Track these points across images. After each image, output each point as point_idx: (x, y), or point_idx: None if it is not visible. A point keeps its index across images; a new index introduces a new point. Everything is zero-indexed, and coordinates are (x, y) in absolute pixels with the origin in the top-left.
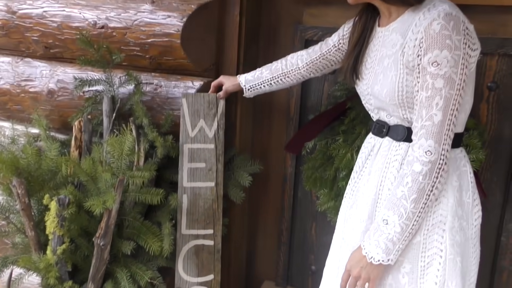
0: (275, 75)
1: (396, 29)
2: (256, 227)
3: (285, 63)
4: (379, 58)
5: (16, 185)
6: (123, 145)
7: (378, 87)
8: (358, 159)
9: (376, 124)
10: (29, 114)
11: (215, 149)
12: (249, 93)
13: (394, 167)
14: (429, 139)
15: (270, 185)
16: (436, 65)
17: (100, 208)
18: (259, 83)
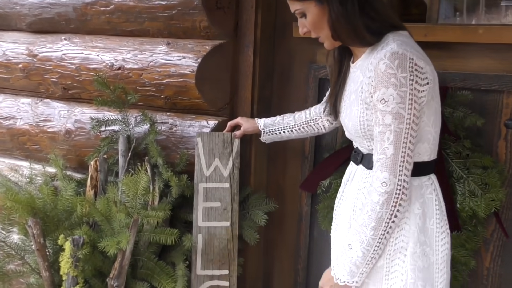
0: (298, 123)
1: (360, 66)
2: (272, 267)
3: (309, 113)
4: (349, 92)
5: (31, 225)
6: (138, 185)
7: (347, 121)
8: (342, 182)
9: (354, 152)
10: (47, 153)
11: (230, 188)
12: (266, 137)
13: (363, 194)
14: (384, 171)
15: (285, 224)
16: (383, 102)
17: (114, 249)
18: (279, 128)
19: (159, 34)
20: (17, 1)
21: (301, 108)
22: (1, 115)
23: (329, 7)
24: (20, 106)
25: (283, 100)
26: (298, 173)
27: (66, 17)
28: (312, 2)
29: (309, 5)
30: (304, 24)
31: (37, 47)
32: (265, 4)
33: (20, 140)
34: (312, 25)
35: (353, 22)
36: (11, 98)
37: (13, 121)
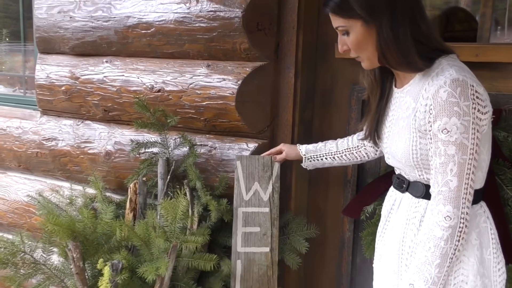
0: (340, 150)
1: (409, 92)
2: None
3: (351, 140)
4: (395, 119)
5: (71, 248)
6: (176, 209)
7: (395, 148)
8: (382, 211)
9: (397, 178)
10: (87, 175)
11: (270, 212)
12: (307, 163)
13: (414, 224)
14: (447, 205)
15: (326, 250)
16: (446, 132)
17: (153, 275)
18: (321, 155)
19: (199, 56)
20: (61, 25)
21: (343, 131)
22: (44, 137)
23: (377, 29)
24: (62, 128)
25: (325, 122)
26: (340, 198)
27: (108, 40)
28: (358, 21)
29: (354, 24)
30: (345, 41)
31: (79, 69)
32: (307, 24)
33: (61, 161)
34: (355, 45)
35: (404, 47)
36: (54, 119)
37: (55, 142)
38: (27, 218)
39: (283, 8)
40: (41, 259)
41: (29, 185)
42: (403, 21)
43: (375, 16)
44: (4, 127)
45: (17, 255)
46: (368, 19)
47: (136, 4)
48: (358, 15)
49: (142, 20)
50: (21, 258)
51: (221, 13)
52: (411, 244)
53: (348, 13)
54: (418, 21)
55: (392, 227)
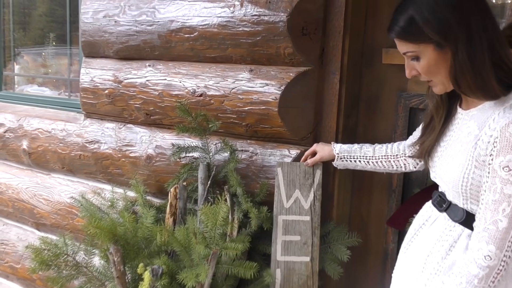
0: (376, 155)
1: (475, 117)
2: None
3: (391, 147)
4: (453, 140)
5: (113, 252)
6: (217, 215)
7: (444, 170)
8: (413, 222)
9: (439, 196)
10: (128, 178)
11: (310, 221)
12: (339, 163)
13: (443, 246)
14: (490, 244)
15: (369, 261)
16: (507, 170)
17: (193, 282)
18: (355, 156)
19: (242, 60)
20: (106, 30)
21: (389, 139)
22: (87, 139)
23: (453, 53)
24: (104, 131)
25: (369, 130)
26: (384, 208)
27: (151, 44)
28: (430, 45)
29: (425, 48)
30: (414, 66)
31: (123, 73)
32: (353, 29)
33: (103, 164)
34: (427, 70)
35: (481, 72)
36: (97, 122)
37: (97, 145)
38: (69, 219)
39: (329, 12)
40: (83, 261)
41: (72, 187)
42: (480, 43)
43: (450, 39)
44: (49, 129)
45: (60, 257)
46: (442, 42)
47: (180, 9)
48: (429, 39)
49: (186, 24)
50: (63, 260)
51: (265, 17)
52: (436, 266)
53: (418, 37)
54: (495, 43)
55: (419, 242)
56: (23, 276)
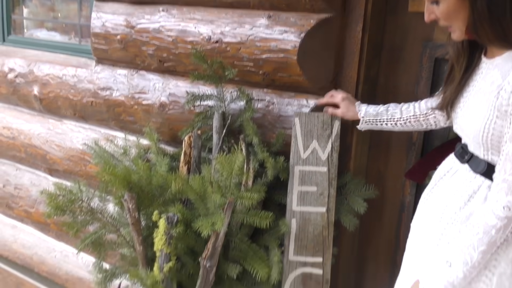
0: (404, 116)
1: (499, 66)
2: (366, 257)
3: (418, 106)
4: (476, 90)
5: (127, 199)
6: (233, 164)
7: (466, 121)
8: (435, 174)
9: (461, 148)
10: (140, 125)
11: (327, 172)
12: (364, 126)
13: (462, 197)
14: (510, 195)
15: (384, 213)
16: None
17: (209, 230)
18: (381, 119)
19: (260, 6)
20: None
21: (411, 91)
22: (99, 86)
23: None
24: (116, 77)
25: (391, 81)
26: (402, 161)
27: None
28: None
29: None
30: (433, 10)
31: (135, 18)
32: None
33: (115, 111)
34: (445, 15)
35: (502, 24)
36: (109, 68)
37: (109, 92)
38: (82, 166)
39: None
40: (98, 207)
41: (84, 134)
42: None
43: None
44: (60, 75)
45: (75, 203)
46: None
47: None
48: None
49: None
50: (78, 206)
51: None
52: (453, 215)
53: None
54: None
55: (439, 193)
56: (37, 220)
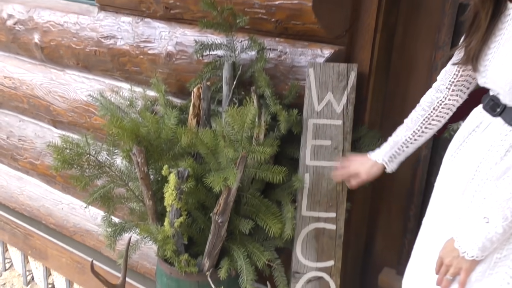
0: (416, 128)
1: None
2: (379, 211)
3: (421, 108)
4: (505, 38)
5: (136, 153)
6: (244, 117)
7: (498, 72)
8: (461, 130)
9: (491, 100)
10: (146, 76)
11: (342, 125)
12: (392, 166)
13: (498, 152)
14: None
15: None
16: None
17: (221, 185)
18: (398, 147)
19: None
20: None
21: (431, 40)
22: (102, 34)
23: None
24: (120, 25)
25: (410, 29)
26: None
27: None
28: None
29: None
30: None
31: None
32: None
33: (120, 60)
34: None
35: None
36: (112, 16)
37: (113, 40)
38: (87, 117)
39: None
40: (106, 161)
41: (88, 84)
42: None
43: None
44: (61, 22)
45: (82, 157)
46: None
47: None
48: None
49: None
50: (86, 160)
51: None
52: (488, 171)
53: None
54: None
55: (469, 149)
56: (43, 172)
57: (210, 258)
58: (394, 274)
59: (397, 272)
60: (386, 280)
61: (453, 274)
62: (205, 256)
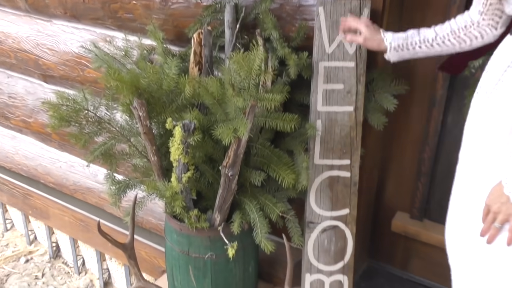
0: (440, 35)
1: None
2: (391, 154)
3: (455, 21)
4: None
5: (137, 107)
6: (252, 63)
7: None
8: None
9: None
10: (141, 23)
11: (355, 68)
12: (393, 53)
13: None
14: None
15: (412, 108)
16: None
17: (230, 137)
18: (412, 42)
19: None
20: None
21: None
22: None
23: None
24: None
25: None
26: None
27: None
28: None
29: None
30: None
31: None
32: None
33: (111, 7)
34: None
35: None
36: None
37: None
38: (79, 71)
39: None
40: (105, 117)
41: (78, 35)
42: None
43: None
44: None
45: (80, 113)
46: None
47: None
48: None
49: None
50: (84, 116)
51: None
52: None
53: None
54: None
55: (505, 88)
56: (37, 130)
57: (221, 213)
58: (407, 218)
59: (410, 216)
60: (399, 224)
61: (502, 221)
62: (216, 210)
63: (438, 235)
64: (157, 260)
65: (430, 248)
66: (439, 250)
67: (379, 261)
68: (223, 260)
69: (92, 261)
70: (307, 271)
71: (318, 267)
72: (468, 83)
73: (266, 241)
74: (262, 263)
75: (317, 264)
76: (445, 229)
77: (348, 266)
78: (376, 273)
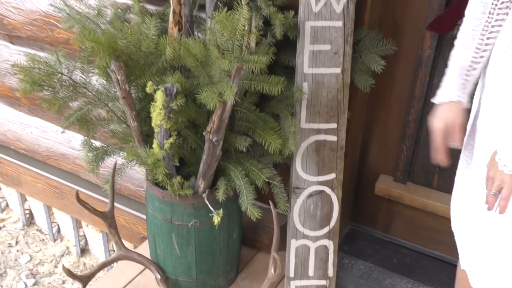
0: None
1: None
2: (376, 117)
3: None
4: None
5: (115, 70)
6: (236, 23)
7: None
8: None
9: None
10: None
11: (343, 27)
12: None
13: None
14: None
15: (398, 68)
16: None
17: (215, 101)
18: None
19: None
20: None
21: None
22: None
23: None
24: None
25: None
26: (423, 8)
27: None
28: None
29: None
30: None
31: None
32: None
33: None
34: None
35: None
36: None
37: None
38: (48, 31)
39: None
40: (81, 81)
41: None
42: None
43: None
44: None
45: (54, 76)
46: None
47: None
48: None
49: None
50: (58, 80)
51: None
52: None
53: None
54: None
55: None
56: (4, 94)
57: (205, 179)
58: (391, 181)
59: (394, 179)
60: (382, 187)
61: (496, 187)
62: (199, 177)
63: (421, 198)
64: (136, 227)
65: (413, 211)
66: (422, 212)
67: (362, 224)
68: (207, 227)
69: (67, 228)
70: (293, 237)
71: (303, 233)
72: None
73: (252, 208)
74: (246, 229)
75: (302, 229)
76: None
77: (333, 231)
78: (359, 236)
